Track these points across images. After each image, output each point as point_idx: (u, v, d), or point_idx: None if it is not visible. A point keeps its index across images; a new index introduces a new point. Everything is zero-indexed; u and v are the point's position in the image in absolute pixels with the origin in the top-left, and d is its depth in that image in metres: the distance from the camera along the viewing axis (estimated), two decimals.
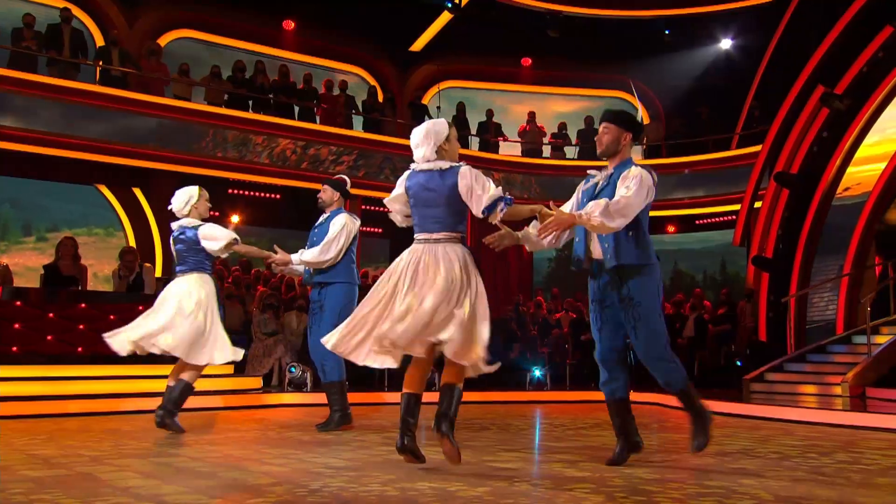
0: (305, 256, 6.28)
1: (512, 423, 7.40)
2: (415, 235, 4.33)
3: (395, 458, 4.56)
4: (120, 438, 5.51)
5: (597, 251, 4.41)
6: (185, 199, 6.24)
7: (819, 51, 13.03)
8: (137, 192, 13.13)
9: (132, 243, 12.97)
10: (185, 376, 6.00)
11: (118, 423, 6.60)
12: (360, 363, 4.23)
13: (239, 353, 6.16)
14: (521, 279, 15.84)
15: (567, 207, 4.62)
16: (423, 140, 4.31)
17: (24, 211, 13.00)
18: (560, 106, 17.34)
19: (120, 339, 5.90)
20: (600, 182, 4.48)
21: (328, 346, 4.22)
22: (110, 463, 4.30)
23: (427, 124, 4.38)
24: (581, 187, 4.66)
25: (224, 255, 6.31)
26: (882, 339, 10.53)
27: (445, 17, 15.64)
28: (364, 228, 14.64)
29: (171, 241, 6.27)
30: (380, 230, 16.37)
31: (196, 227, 6.12)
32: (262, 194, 14.42)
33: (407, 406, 4.13)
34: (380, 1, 15.07)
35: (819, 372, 10.91)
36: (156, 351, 5.87)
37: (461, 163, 4.33)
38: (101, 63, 12.75)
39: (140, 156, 12.57)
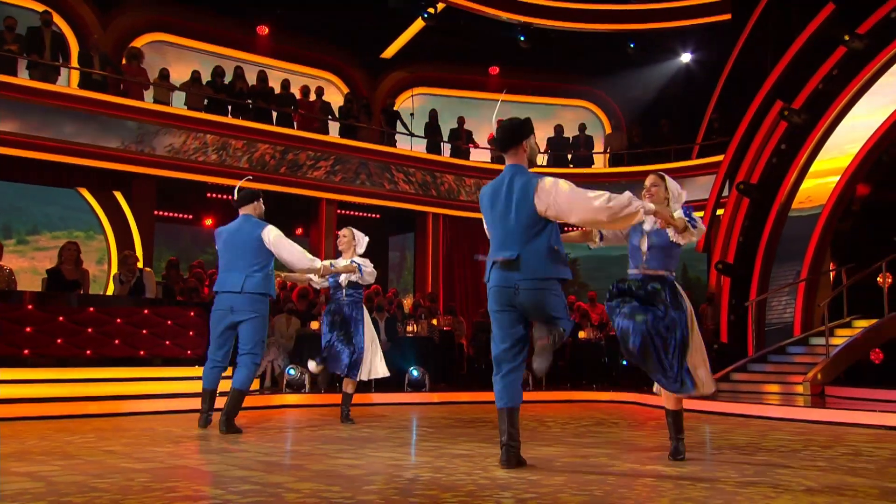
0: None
1: (523, 423, 7.80)
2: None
3: (451, 453, 4.95)
4: (170, 437, 5.77)
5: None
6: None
7: (778, 67, 13.79)
8: (118, 195, 13.17)
9: (113, 247, 13.05)
10: None
11: (149, 423, 6.84)
12: None
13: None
14: None
15: None
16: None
17: (3, 214, 12.96)
18: (527, 114, 17.82)
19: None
20: None
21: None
22: (191, 457, 4.59)
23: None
24: None
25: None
26: (837, 341, 11.27)
27: (417, 25, 15.99)
28: (339, 233, 15.04)
29: None
30: None
31: None
32: None
33: None
34: (351, 8, 15.36)
35: (780, 372, 11.62)
36: None
37: None
38: (82, 67, 12.81)
39: (121, 159, 12.63)
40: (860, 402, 9.44)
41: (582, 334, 12.81)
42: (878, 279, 11.79)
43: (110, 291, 12.46)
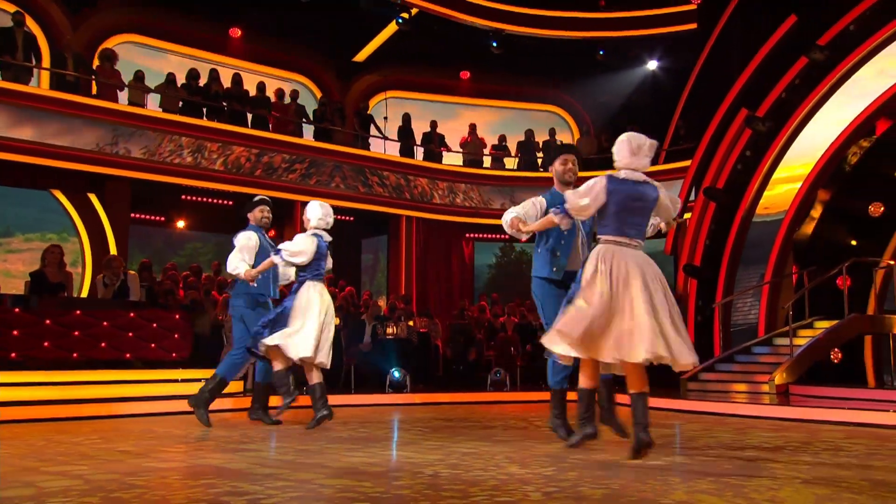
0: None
1: (509, 422, 8.04)
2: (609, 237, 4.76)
3: (458, 451, 5.15)
4: (176, 438, 5.88)
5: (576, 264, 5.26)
6: (328, 212, 7.09)
7: (742, 76, 14.22)
8: (93, 197, 13.13)
9: (87, 249, 13.01)
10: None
11: (146, 425, 6.93)
12: None
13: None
14: (463, 285, 16.54)
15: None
16: (649, 150, 4.83)
17: None
18: (498, 118, 18.14)
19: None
20: None
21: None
22: (210, 457, 4.73)
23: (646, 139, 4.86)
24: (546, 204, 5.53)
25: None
26: (800, 341, 11.69)
27: (390, 29, 16.17)
28: None
29: (316, 249, 6.81)
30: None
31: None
32: (215, 200, 14.63)
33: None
34: (323, 11, 15.49)
35: (746, 371, 12.00)
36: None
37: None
38: (56, 68, 12.76)
39: (95, 161, 12.63)
40: (825, 401, 9.83)
41: None
42: (838, 282, 12.23)
43: (84, 293, 12.45)
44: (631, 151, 4.78)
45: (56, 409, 7.68)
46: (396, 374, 10.75)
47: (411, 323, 12.45)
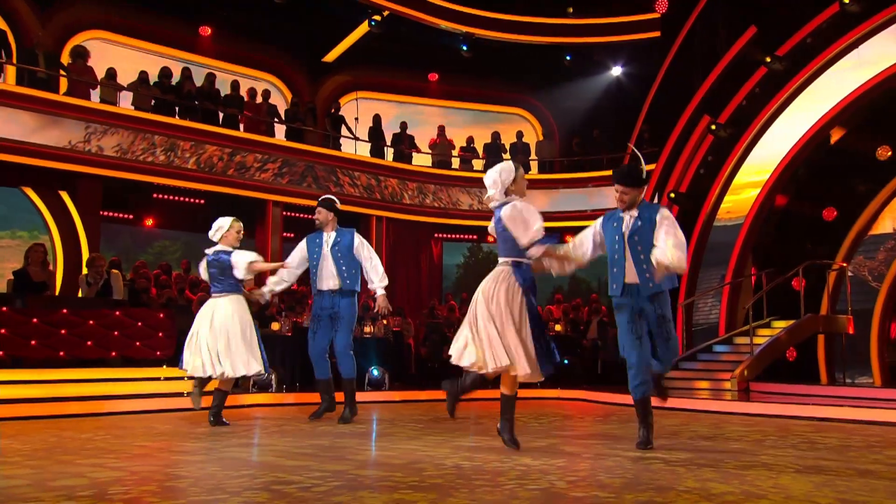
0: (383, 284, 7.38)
1: (497, 419, 8.29)
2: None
3: (465, 446, 5.42)
4: (184, 434, 6.03)
5: (633, 277, 5.37)
6: (216, 227, 6.99)
7: (705, 84, 14.73)
8: (64, 195, 13.08)
9: (58, 247, 12.96)
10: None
11: (143, 422, 7.05)
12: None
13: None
14: (432, 284, 16.77)
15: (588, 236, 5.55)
16: (493, 184, 5.22)
17: None
18: (466, 119, 18.44)
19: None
20: (629, 223, 5.37)
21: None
22: (231, 451, 4.90)
23: (497, 170, 5.23)
24: (600, 225, 5.53)
25: (248, 278, 7.00)
26: (759, 340, 12.20)
27: (361, 30, 16.34)
28: (285, 234, 15.28)
29: (205, 265, 6.95)
30: (292, 235, 16.87)
31: (229, 253, 6.88)
32: (187, 199, 14.64)
33: None
34: (293, 11, 15.61)
35: (709, 369, 12.47)
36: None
37: (513, 199, 5.18)
38: (28, 65, 12.69)
39: (67, 158, 12.58)
40: (784, 397, 10.32)
41: None
42: (794, 283, 12.79)
43: (56, 292, 12.40)
44: (490, 187, 5.28)
45: (48, 406, 7.73)
46: (375, 373, 10.96)
47: (386, 322, 12.65)
